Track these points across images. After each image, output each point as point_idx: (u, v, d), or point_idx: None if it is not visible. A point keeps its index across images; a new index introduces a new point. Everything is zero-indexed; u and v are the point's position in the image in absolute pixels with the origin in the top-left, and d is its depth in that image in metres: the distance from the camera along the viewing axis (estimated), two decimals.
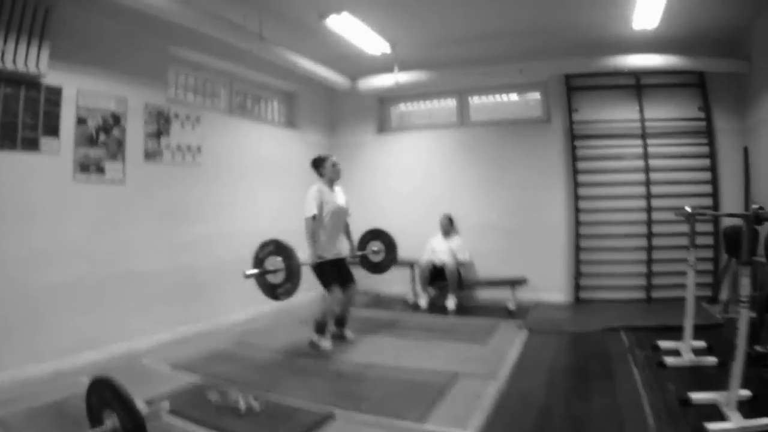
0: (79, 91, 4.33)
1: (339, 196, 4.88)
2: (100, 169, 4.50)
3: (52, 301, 4.05)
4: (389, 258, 5.45)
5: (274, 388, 3.58)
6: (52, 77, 4.08)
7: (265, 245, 4.02)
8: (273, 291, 3.99)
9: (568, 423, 2.98)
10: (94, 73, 4.46)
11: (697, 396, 3.03)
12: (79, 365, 4.02)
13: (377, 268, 5.49)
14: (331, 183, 4.83)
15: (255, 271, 3.95)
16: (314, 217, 4.56)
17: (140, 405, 2.29)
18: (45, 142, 4.08)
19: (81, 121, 4.35)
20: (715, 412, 2.84)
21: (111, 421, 2.23)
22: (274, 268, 3.91)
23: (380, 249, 5.42)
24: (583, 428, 2.90)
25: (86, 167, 4.39)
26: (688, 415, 2.89)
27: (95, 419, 2.39)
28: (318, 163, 4.89)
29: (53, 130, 4.15)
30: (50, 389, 3.50)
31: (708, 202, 6.11)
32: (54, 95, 4.15)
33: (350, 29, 5.58)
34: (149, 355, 4.43)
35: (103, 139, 4.52)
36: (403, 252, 7.02)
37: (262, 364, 4.15)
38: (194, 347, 4.68)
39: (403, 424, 2.96)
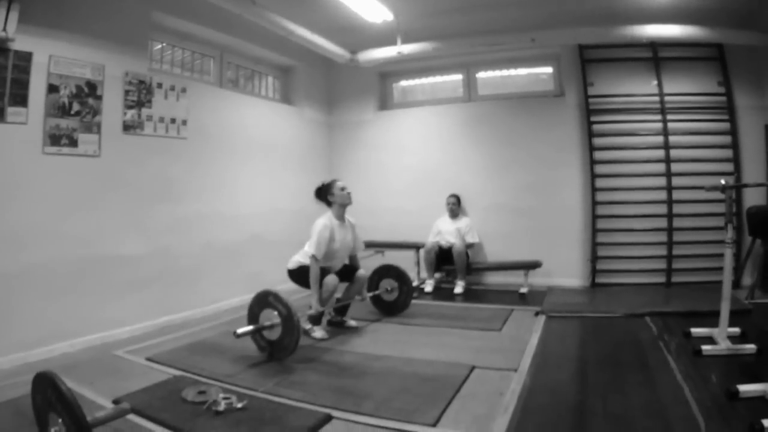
0: (52, 57, 3.95)
1: (348, 231, 4.40)
2: (73, 142, 4.09)
3: (18, 287, 3.68)
4: (405, 293, 4.93)
5: (261, 384, 3.13)
6: (21, 42, 3.71)
7: (261, 298, 3.62)
8: (271, 348, 3.58)
9: (609, 424, 2.52)
10: (69, 38, 4.07)
11: (745, 388, 2.69)
12: (50, 357, 3.76)
13: (393, 307, 4.95)
14: (342, 209, 4.33)
15: (248, 328, 3.53)
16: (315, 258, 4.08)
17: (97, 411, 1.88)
18: (12, 111, 3.71)
19: (52, 89, 3.96)
20: (764, 406, 2.56)
21: (56, 428, 1.81)
22: (270, 323, 3.49)
23: (393, 287, 4.92)
24: (628, 430, 2.46)
25: (57, 139, 3.98)
26: (738, 410, 2.57)
27: (42, 422, 1.99)
28: (323, 192, 4.33)
29: (21, 98, 3.77)
30: (13, 384, 3.11)
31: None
32: (23, 61, 3.79)
33: None
34: (125, 347, 4.05)
35: (77, 109, 4.11)
36: (408, 234, 6.77)
37: (250, 357, 3.65)
38: (175, 338, 4.32)
39: (413, 429, 2.51)
